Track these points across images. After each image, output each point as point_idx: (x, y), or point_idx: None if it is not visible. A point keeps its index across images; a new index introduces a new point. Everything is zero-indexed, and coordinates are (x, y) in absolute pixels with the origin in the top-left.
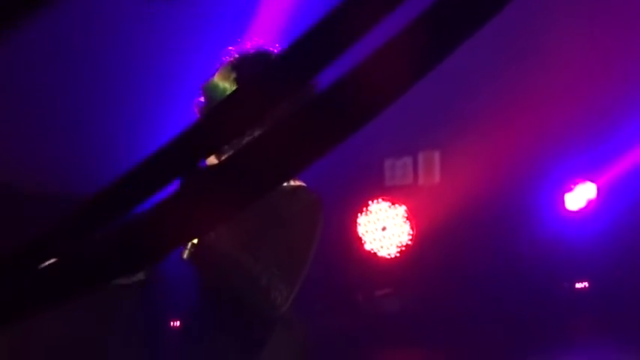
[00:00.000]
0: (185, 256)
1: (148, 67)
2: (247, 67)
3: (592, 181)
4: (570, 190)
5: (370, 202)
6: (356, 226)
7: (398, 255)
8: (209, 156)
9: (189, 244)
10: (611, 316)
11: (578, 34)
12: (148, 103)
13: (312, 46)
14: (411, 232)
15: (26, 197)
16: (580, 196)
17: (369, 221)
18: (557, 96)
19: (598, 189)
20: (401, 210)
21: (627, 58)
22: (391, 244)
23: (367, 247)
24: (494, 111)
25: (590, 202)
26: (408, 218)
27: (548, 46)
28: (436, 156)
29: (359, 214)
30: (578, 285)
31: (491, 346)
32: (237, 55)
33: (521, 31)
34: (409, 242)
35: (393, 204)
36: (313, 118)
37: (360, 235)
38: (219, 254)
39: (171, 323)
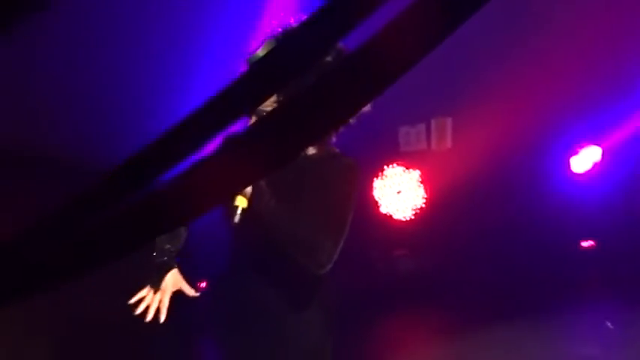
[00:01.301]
0: (236, 220)
1: (172, 44)
2: None
3: (597, 145)
4: (576, 153)
5: (385, 167)
6: (372, 189)
7: (413, 217)
8: (252, 111)
9: (240, 209)
10: (615, 273)
11: (587, 3)
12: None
13: (339, 11)
14: (425, 196)
15: (71, 170)
16: (586, 159)
17: (384, 185)
18: (564, 63)
19: (603, 152)
20: (415, 174)
21: (634, 28)
22: (406, 207)
23: (383, 210)
24: (503, 79)
25: (595, 164)
26: (422, 182)
27: (558, 14)
28: (448, 122)
29: (375, 179)
30: (585, 244)
31: (502, 303)
32: (280, 30)
33: (531, 0)
34: (423, 205)
35: (407, 168)
36: (341, 80)
37: (377, 198)
38: (270, 219)
39: (199, 285)
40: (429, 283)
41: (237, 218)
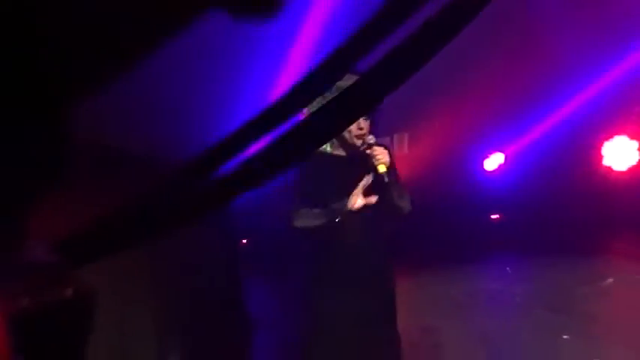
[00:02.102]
0: (386, 179)
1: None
2: None
3: (501, 152)
4: (487, 157)
5: None
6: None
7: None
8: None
9: (385, 168)
10: (515, 237)
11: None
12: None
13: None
14: None
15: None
16: (494, 162)
17: None
18: (480, 91)
19: (505, 157)
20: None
21: (533, 55)
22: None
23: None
24: (443, 103)
25: (500, 165)
26: None
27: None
28: (406, 136)
29: None
30: (493, 216)
31: (428, 262)
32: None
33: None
34: None
35: None
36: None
37: None
38: (396, 179)
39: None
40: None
41: (386, 178)
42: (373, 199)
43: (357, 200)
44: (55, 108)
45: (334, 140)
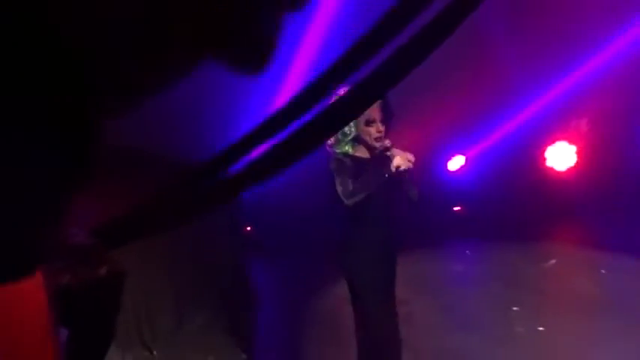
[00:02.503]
0: (406, 175)
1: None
2: None
3: (462, 154)
4: (451, 159)
5: None
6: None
7: None
8: None
9: (405, 166)
10: (473, 225)
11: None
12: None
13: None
14: None
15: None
16: (456, 163)
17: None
18: (443, 101)
19: (466, 159)
20: None
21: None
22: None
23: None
24: (409, 112)
25: (461, 166)
26: None
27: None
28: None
29: None
30: (456, 208)
31: (403, 246)
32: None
33: None
34: None
35: None
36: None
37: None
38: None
39: (245, 228)
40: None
41: (406, 175)
42: (411, 158)
43: (398, 159)
44: (89, 113)
45: (355, 142)
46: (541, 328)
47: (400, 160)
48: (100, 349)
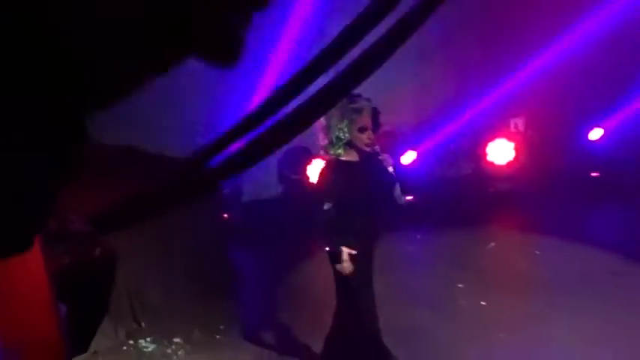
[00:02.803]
0: (394, 175)
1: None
2: None
3: (414, 150)
4: (404, 153)
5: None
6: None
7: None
8: None
9: (393, 169)
10: (426, 214)
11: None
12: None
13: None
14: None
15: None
16: (409, 157)
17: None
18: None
19: (417, 154)
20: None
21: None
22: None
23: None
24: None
25: (413, 160)
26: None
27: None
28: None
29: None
30: (408, 197)
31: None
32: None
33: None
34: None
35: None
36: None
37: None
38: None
39: (223, 215)
40: None
41: (394, 175)
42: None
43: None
44: (80, 110)
45: (347, 146)
46: (483, 303)
47: (390, 160)
48: (95, 321)
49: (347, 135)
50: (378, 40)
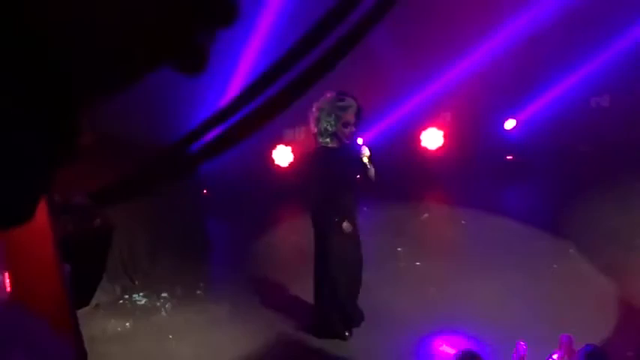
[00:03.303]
0: (368, 165)
1: None
2: None
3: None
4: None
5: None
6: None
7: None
8: None
9: (367, 158)
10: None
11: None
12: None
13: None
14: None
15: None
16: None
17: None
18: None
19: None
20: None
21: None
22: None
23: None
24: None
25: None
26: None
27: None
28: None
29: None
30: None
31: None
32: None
33: None
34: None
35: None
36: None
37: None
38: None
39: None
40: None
41: (368, 165)
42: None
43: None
44: (75, 102)
45: (334, 137)
46: (418, 263)
47: (367, 151)
48: (95, 279)
49: (333, 128)
50: (330, 47)
